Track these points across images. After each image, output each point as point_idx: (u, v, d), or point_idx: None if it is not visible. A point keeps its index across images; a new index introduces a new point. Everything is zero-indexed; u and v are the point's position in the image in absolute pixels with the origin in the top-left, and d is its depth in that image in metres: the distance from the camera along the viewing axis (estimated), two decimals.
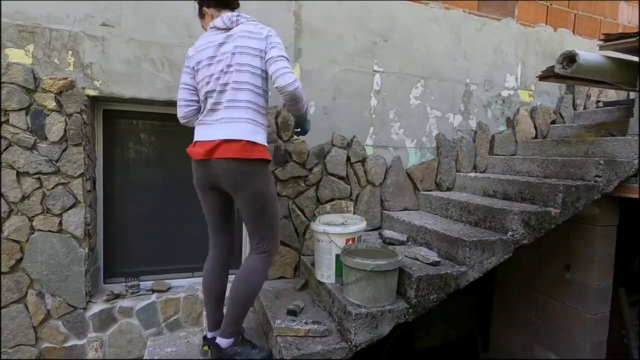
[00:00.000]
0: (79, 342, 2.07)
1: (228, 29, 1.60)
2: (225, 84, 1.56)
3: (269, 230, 1.66)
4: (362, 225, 2.06)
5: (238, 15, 1.62)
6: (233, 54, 1.55)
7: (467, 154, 2.84)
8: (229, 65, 1.55)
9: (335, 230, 1.96)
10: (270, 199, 1.64)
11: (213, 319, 1.77)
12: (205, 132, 1.60)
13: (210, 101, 1.60)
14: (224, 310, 1.72)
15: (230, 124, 1.55)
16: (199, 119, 1.65)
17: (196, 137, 1.64)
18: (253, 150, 1.54)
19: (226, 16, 1.61)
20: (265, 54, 1.58)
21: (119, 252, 2.30)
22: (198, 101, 1.69)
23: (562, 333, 2.54)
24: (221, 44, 1.58)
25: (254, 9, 2.23)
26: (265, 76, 1.62)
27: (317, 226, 2.00)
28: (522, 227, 1.96)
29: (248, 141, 1.53)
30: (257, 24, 1.62)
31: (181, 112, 1.71)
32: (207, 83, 1.59)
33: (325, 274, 2.01)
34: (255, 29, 1.59)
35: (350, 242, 1.99)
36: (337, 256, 1.95)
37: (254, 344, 1.75)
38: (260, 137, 1.58)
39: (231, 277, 1.75)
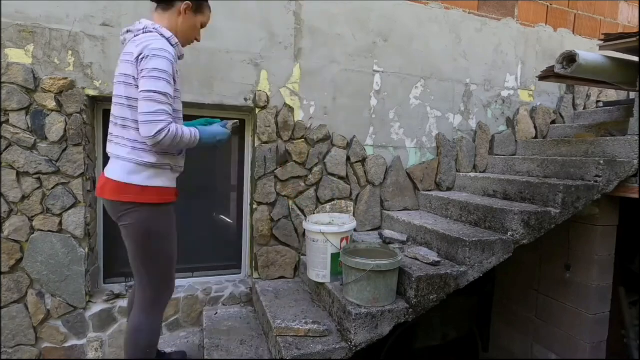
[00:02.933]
0: (79, 342, 2.07)
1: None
2: (115, 117, 1.42)
3: (153, 277, 1.48)
4: (354, 224, 2.09)
5: (141, 24, 1.42)
6: (114, 82, 1.42)
7: (467, 154, 2.84)
8: (115, 95, 1.41)
9: (331, 229, 1.97)
10: (155, 238, 1.44)
11: None
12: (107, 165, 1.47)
13: (110, 128, 1.46)
14: None
15: (114, 161, 1.42)
16: None
17: None
18: (127, 192, 1.37)
19: (138, 23, 1.43)
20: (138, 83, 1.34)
21: (119, 252, 2.29)
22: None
23: (562, 333, 2.54)
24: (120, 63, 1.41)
25: (254, 9, 2.24)
26: None
27: (313, 226, 2.00)
28: (522, 227, 1.96)
29: (123, 182, 1.37)
30: (141, 40, 1.35)
31: None
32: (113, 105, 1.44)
33: (321, 273, 2.01)
34: (133, 49, 1.35)
35: (345, 240, 2.00)
36: (333, 255, 1.96)
37: None
38: (138, 178, 1.38)
39: None
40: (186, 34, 1.52)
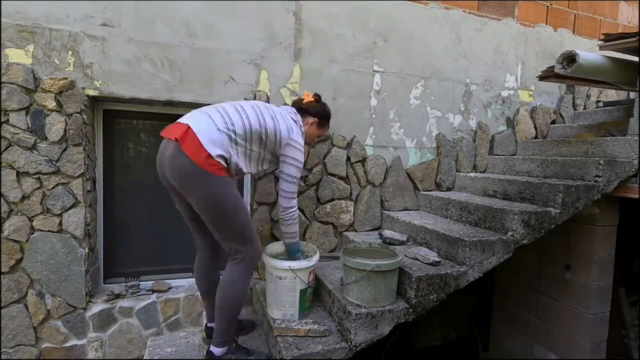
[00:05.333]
0: (79, 342, 2.07)
1: None
2: None
3: (238, 236, 1.58)
4: (317, 255, 1.92)
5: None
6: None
7: (467, 154, 2.84)
8: None
9: (300, 265, 1.80)
10: (226, 202, 1.54)
11: (209, 312, 1.89)
12: None
13: None
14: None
15: None
16: None
17: None
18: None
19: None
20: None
21: (119, 252, 2.30)
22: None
23: (562, 333, 2.54)
24: None
25: (254, 9, 2.24)
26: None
27: (280, 262, 1.80)
28: (522, 227, 1.96)
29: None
30: None
31: None
32: None
33: (288, 312, 1.83)
34: None
35: (312, 274, 1.88)
36: (301, 291, 1.82)
37: (249, 350, 1.74)
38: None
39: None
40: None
